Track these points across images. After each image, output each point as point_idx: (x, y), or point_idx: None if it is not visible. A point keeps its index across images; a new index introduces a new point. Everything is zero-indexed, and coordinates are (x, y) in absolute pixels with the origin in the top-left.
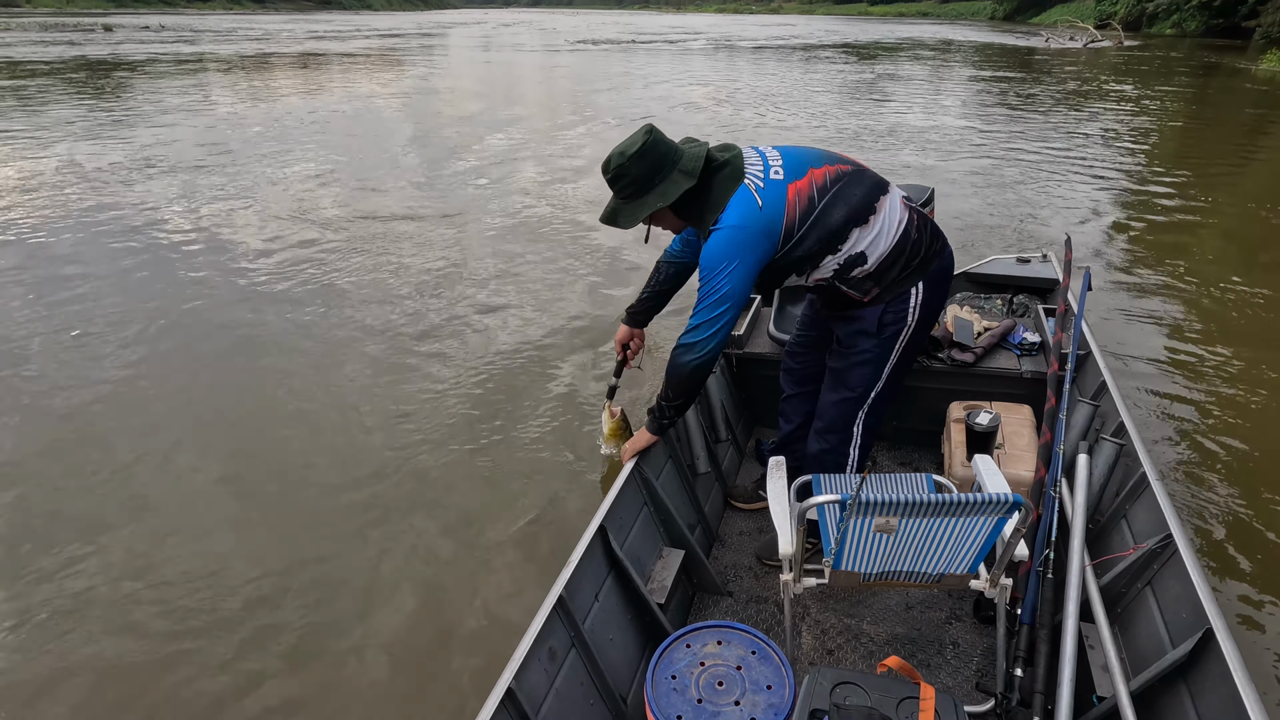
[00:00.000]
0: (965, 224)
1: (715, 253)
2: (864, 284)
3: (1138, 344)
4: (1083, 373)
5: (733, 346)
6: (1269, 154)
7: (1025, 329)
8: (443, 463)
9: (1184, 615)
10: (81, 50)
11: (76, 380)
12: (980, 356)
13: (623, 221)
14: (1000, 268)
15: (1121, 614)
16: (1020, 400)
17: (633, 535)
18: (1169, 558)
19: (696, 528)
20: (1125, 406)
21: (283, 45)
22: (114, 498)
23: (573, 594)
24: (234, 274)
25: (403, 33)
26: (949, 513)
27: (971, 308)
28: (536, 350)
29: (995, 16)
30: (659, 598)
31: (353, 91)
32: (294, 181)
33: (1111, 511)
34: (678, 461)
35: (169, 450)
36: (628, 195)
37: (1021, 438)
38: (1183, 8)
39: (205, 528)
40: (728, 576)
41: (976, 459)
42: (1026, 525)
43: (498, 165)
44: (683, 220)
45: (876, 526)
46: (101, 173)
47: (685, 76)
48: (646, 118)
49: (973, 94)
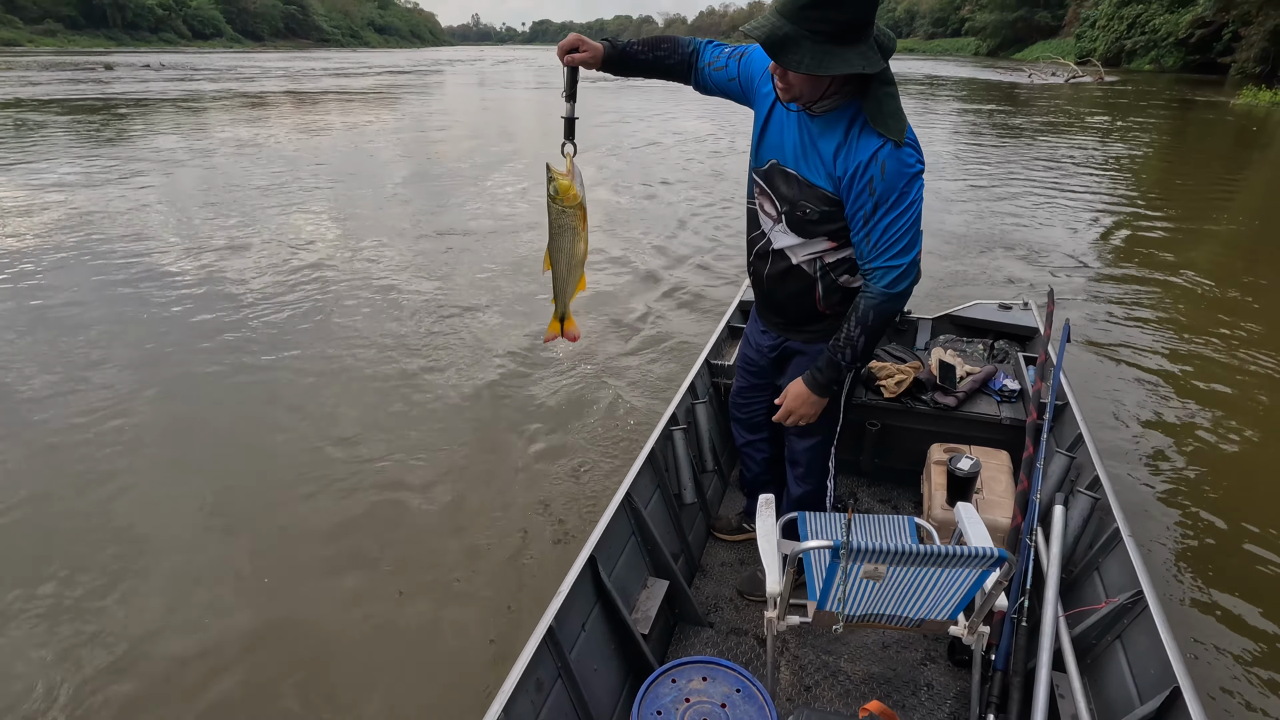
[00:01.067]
0: (947, 268)
1: (909, 173)
2: (838, 294)
3: (1114, 394)
4: (1060, 423)
5: (721, 376)
6: (1251, 190)
7: (1006, 375)
8: (434, 491)
9: (1152, 671)
10: (82, 88)
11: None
12: (962, 400)
13: (797, 60)
14: (983, 312)
15: (1092, 665)
16: (998, 446)
17: (620, 565)
18: (1139, 613)
19: (680, 557)
20: (1100, 460)
21: (285, 83)
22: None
23: (561, 624)
24: (225, 306)
25: (403, 69)
26: (936, 563)
27: (955, 351)
28: (527, 391)
29: (979, 53)
30: (643, 628)
31: (354, 128)
32: (292, 217)
33: (1085, 563)
34: (665, 491)
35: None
36: (824, 33)
37: (999, 483)
38: (1160, 45)
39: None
40: (708, 607)
41: (959, 507)
42: (1007, 577)
43: (498, 201)
44: (836, 97)
45: (865, 574)
46: (96, 210)
47: (680, 110)
48: (651, 145)
49: (959, 128)
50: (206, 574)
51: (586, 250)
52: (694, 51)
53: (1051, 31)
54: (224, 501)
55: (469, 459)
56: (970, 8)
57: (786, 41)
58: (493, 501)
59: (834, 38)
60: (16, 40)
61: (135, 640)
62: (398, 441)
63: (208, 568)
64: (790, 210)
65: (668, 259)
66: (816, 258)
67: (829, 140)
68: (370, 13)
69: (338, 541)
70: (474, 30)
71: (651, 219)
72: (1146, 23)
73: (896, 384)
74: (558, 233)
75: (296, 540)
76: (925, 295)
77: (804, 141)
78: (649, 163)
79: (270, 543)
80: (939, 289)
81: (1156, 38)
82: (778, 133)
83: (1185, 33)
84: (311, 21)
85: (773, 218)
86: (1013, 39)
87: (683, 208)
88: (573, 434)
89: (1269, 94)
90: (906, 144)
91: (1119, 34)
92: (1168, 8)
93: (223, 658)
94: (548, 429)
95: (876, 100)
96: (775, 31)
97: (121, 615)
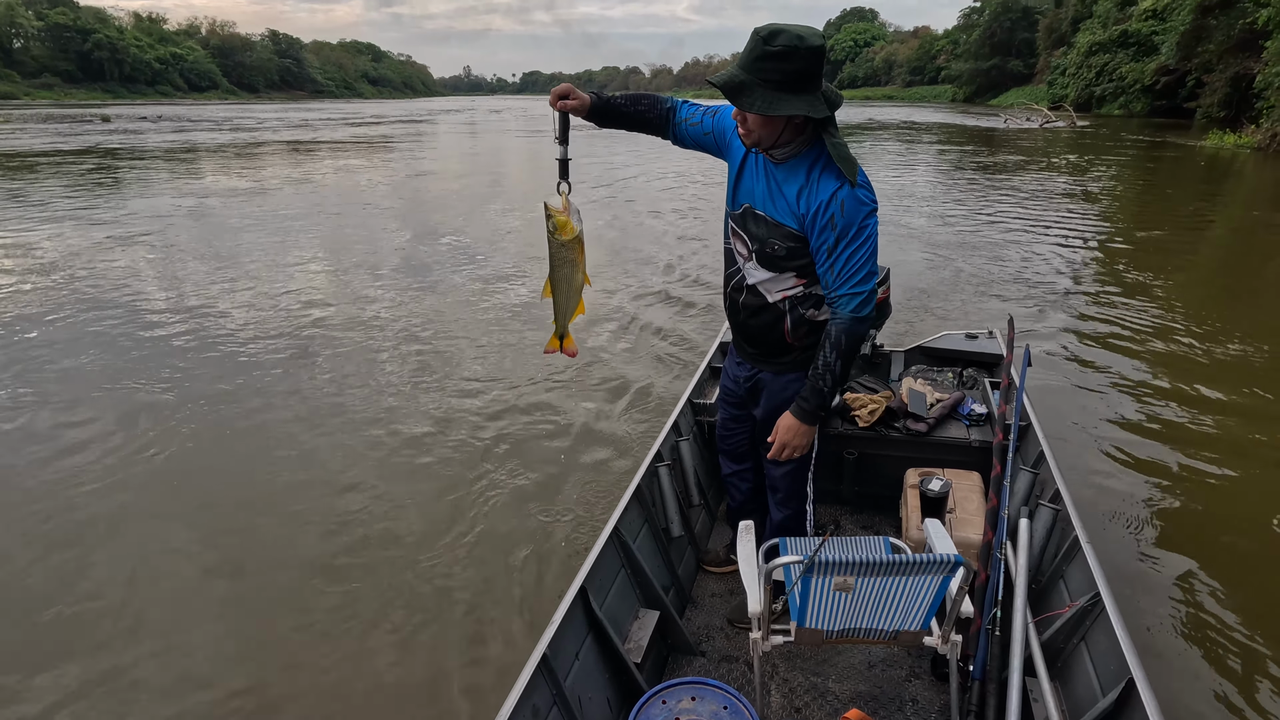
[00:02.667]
0: (920, 302)
1: (865, 210)
2: (805, 326)
3: (1073, 412)
4: (1024, 442)
5: (704, 414)
6: (1209, 226)
7: (973, 401)
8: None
9: (1112, 667)
10: (81, 140)
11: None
12: (933, 426)
13: (750, 102)
14: (951, 343)
15: (1062, 668)
16: (970, 467)
17: (611, 596)
18: (1098, 614)
19: (670, 590)
20: (1060, 474)
21: (280, 134)
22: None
23: (555, 653)
24: (220, 352)
25: (396, 119)
26: (898, 572)
27: (925, 380)
28: (520, 435)
29: (956, 99)
30: (635, 657)
31: (348, 177)
32: (286, 267)
33: (1051, 572)
34: (653, 526)
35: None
36: (774, 82)
37: (971, 503)
38: (1128, 91)
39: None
40: (700, 637)
41: (927, 523)
42: (973, 584)
43: (488, 246)
44: (793, 145)
45: (835, 585)
46: (93, 262)
47: (666, 159)
48: (637, 179)
49: (940, 166)
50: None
51: (585, 278)
52: (671, 109)
53: (1024, 79)
54: (214, 549)
55: (456, 500)
56: (945, 57)
57: (743, 87)
58: (485, 538)
59: (783, 86)
60: (13, 94)
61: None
62: (385, 483)
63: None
64: (760, 248)
65: (648, 298)
66: (785, 293)
67: (792, 184)
68: (364, 65)
69: (330, 575)
70: (465, 81)
71: (634, 260)
72: (1114, 70)
73: (870, 413)
74: (557, 264)
75: (286, 575)
76: (900, 330)
77: (771, 186)
78: (639, 198)
79: (262, 586)
80: (915, 321)
81: (1124, 84)
82: (750, 180)
83: (1151, 80)
84: (306, 74)
85: (745, 255)
86: (987, 86)
87: (665, 254)
88: (562, 472)
89: (1233, 137)
90: (860, 185)
91: (1088, 81)
92: (1133, 56)
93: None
94: (536, 468)
95: (832, 148)
96: (733, 79)
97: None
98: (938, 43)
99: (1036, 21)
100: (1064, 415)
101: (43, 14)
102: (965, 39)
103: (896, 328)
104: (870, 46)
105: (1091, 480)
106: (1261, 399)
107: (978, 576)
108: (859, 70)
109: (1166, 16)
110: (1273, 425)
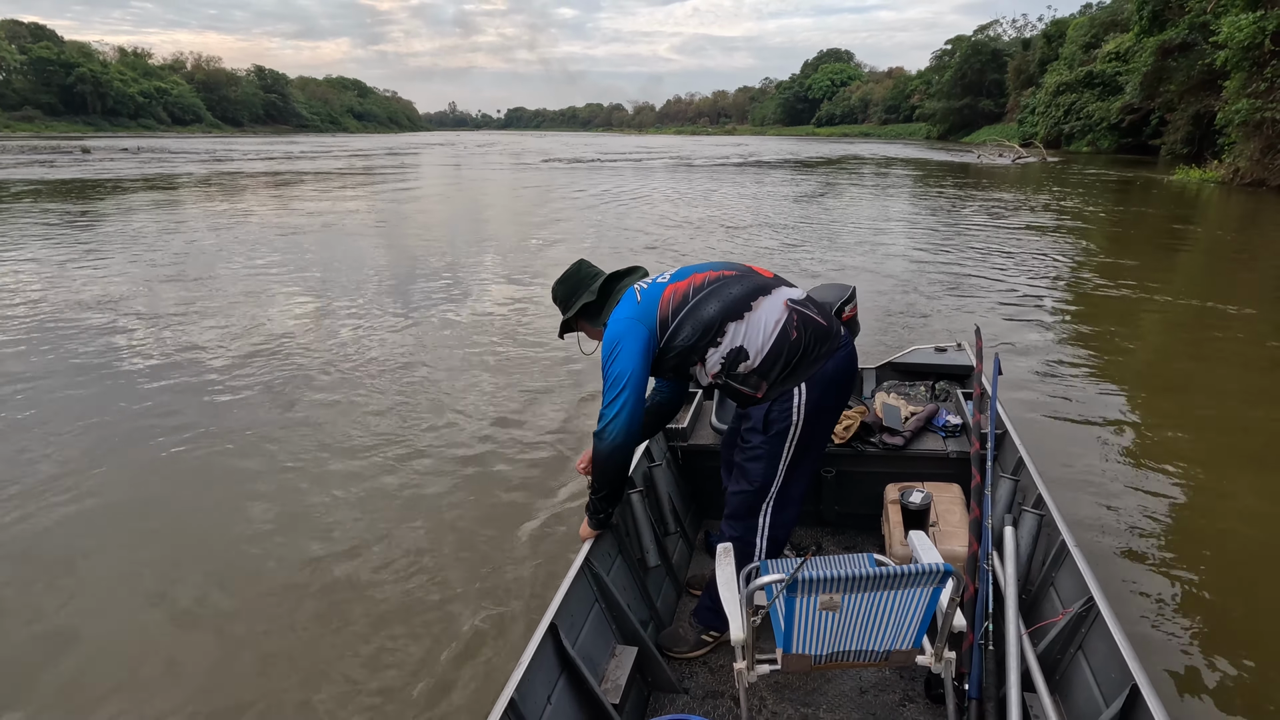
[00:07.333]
0: (891, 321)
1: (605, 343)
2: (751, 379)
3: (1049, 417)
4: (1002, 450)
5: (677, 439)
6: (1186, 246)
7: (948, 412)
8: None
9: (1113, 674)
10: (60, 172)
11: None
12: (909, 439)
13: (562, 330)
14: (921, 357)
15: (1060, 680)
16: (949, 479)
17: (584, 633)
18: (1094, 620)
19: (649, 624)
20: (1042, 479)
21: (264, 165)
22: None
23: (524, 697)
24: (196, 389)
25: (380, 152)
26: (885, 585)
27: (898, 394)
28: (505, 464)
29: (930, 136)
30: (613, 698)
31: (331, 212)
32: (265, 304)
33: (1041, 579)
34: (628, 555)
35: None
36: (561, 310)
37: (954, 514)
38: (1095, 129)
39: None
40: (683, 674)
41: (911, 535)
42: (963, 596)
43: (475, 282)
44: (596, 329)
45: (821, 604)
46: (68, 297)
47: (652, 192)
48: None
49: (915, 198)
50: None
51: None
52: (663, 402)
53: (996, 117)
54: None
55: (422, 535)
56: (919, 96)
57: (566, 325)
58: (445, 570)
59: (562, 311)
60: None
61: None
62: (352, 518)
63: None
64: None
65: None
66: (710, 379)
67: None
68: (349, 100)
69: (277, 620)
70: (450, 117)
71: None
72: (1081, 109)
73: (845, 429)
74: None
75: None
76: (870, 346)
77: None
78: (617, 225)
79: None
80: (884, 339)
81: (1091, 122)
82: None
83: (1117, 118)
84: (291, 109)
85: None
86: (960, 124)
87: None
88: (528, 500)
89: (1198, 172)
90: (606, 324)
91: (1057, 119)
92: (1099, 96)
93: None
94: (501, 495)
95: (602, 318)
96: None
97: None
98: (911, 83)
99: (1005, 63)
100: (1039, 422)
101: (26, 48)
102: (938, 79)
103: (866, 345)
104: (847, 86)
105: (1073, 484)
106: (1237, 398)
107: (966, 590)
108: (836, 108)
109: (1129, 58)
110: (1247, 422)
